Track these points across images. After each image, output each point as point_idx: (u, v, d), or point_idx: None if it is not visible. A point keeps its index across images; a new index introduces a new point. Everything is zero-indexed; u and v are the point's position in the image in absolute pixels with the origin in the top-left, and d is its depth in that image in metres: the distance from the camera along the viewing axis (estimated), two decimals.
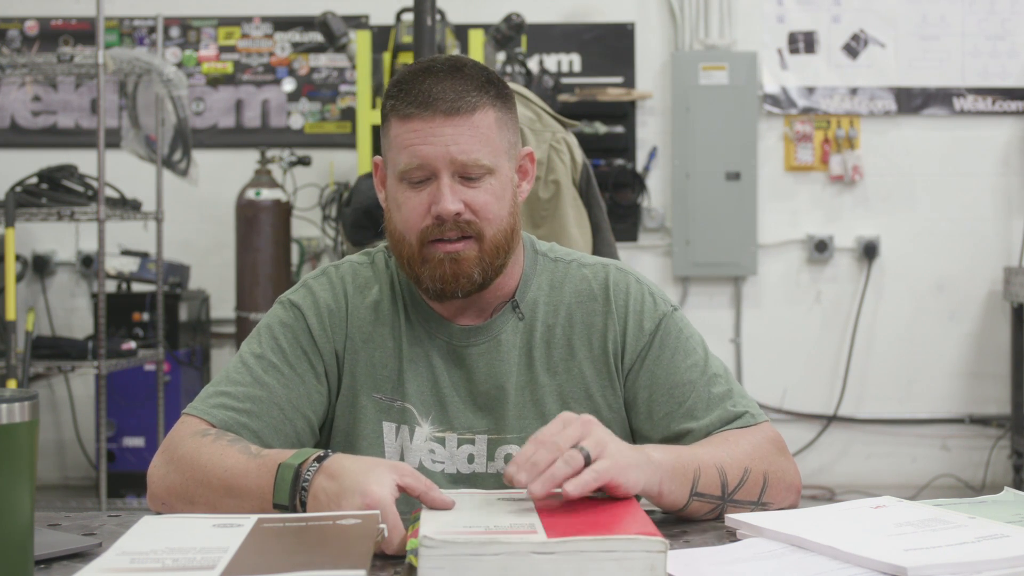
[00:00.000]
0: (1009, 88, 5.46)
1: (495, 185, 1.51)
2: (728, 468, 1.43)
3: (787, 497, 1.49)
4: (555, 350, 1.58)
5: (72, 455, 5.43)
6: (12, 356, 3.98)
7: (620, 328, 1.58)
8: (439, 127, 1.48)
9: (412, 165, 1.49)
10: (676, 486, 1.37)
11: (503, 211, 1.52)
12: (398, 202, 1.52)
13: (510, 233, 1.54)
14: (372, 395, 1.57)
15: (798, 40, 5.49)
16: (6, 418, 1.07)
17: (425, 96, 1.48)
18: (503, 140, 1.53)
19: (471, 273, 1.51)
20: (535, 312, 1.60)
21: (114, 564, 1.10)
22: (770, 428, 1.54)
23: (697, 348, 1.59)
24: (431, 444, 1.56)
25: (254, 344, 1.59)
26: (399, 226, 1.53)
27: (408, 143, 1.49)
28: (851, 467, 5.50)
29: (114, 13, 5.45)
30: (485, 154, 1.50)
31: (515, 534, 1.12)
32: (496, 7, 5.13)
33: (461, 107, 1.48)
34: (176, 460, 1.47)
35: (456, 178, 1.49)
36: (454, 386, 1.57)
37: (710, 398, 1.54)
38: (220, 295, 5.37)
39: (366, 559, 1.07)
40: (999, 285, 5.41)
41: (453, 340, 1.58)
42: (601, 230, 2.91)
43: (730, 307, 5.52)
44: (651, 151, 5.50)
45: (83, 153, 4.97)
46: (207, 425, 1.51)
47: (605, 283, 1.61)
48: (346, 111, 5.52)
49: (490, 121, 1.51)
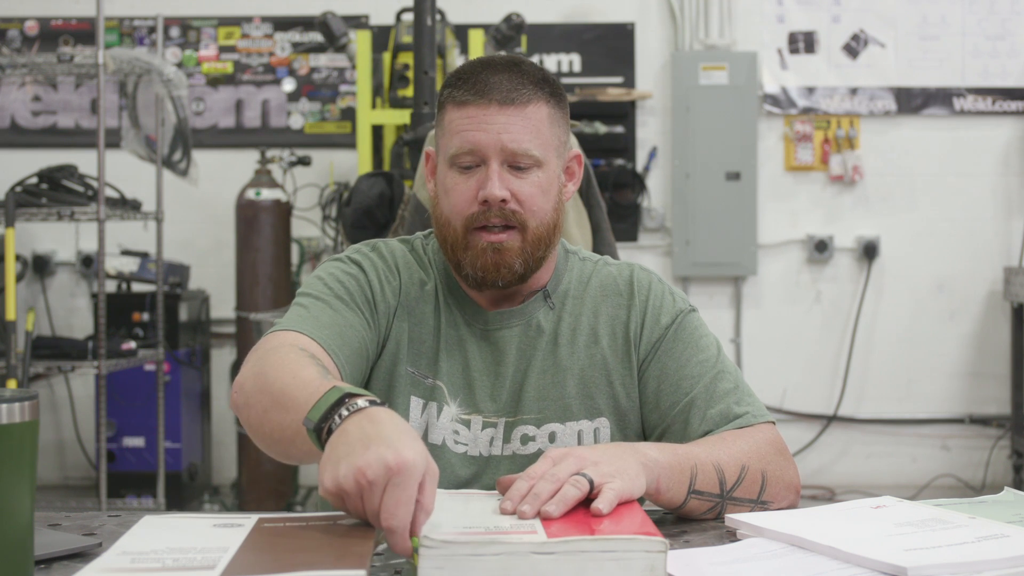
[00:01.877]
0: (1009, 88, 5.46)
1: (542, 178, 1.55)
2: (725, 466, 1.44)
3: (786, 496, 1.50)
4: (580, 336, 1.62)
5: (72, 455, 5.43)
6: (12, 356, 3.98)
7: (639, 319, 1.62)
8: (493, 115, 1.52)
9: (463, 150, 1.53)
10: (673, 484, 1.38)
11: (548, 204, 1.56)
12: (447, 187, 1.56)
13: (552, 228, 1.57)
14: (407, 368, 1.59)
15: (798, 40, 5.49)
16: (6, 418, 1.07)
17: (482, 85, 1.53)
18: (554, 136, 1.57)
19: (513, 264, 1.54)
20: (564, 303, 1.64)
21: (114, 564, 1.10)
22: (771, 429, 1.56)
23: (710, 347, 1.61)
24: (456, 425, 1.58)
25: (319, 286, 1.57)
26: (446, 211, 1.56)
27: (461, 128, 1.53)
28: (851, 467, 5.50)
29: (114, 13, 5.45)
30: (535, 145, 1.53)
31: (515, 534, 1.12)
32: (496, 7, 5.13)
33: (516, 98, 1.53)
34: (260, 360, 1.41)
35: (505, 167, 1.53)
36: (485, 370, 1.60)
37: (715, 392, 1.56)
38: (220, 295, 5.37)
39: (366, 559, 1.07)
40: (999, 285, 5.42)
41: (487, 326, 1.61)
42: (601, 230, 2.91)
43: (730, 307, 5.52)
44: (651, 151, 5.50)
45: (83, 153, 4.97)
46: (307, 340, 1.46)
47: (630, 279, 1.65)
48: (346, 111, 5.52)
49: (542, 115, 1.55)
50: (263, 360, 1.40)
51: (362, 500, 1.11)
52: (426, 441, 1.57)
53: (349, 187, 4.78)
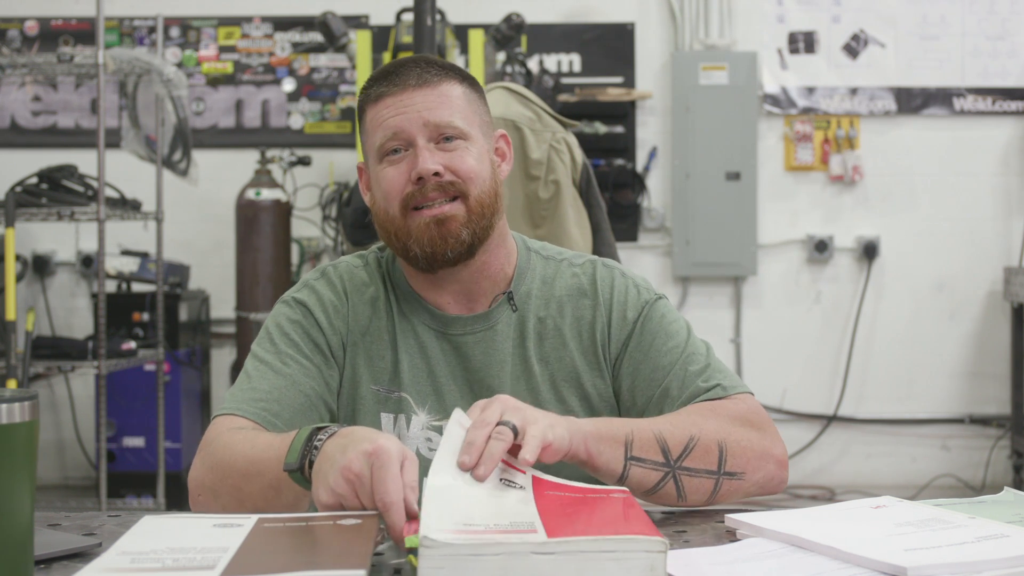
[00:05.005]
0: (1009, 88, 5.46)
1: (472, 150, 1.56)
2: (668, 435, 1.43)
3: (762, 467, 1.47)
4: (547, 341, 1.62)
5: (72, 455, 5.43)
6: (12, 356, 3.98)
7: (606, 319, 1.62)
8: (409, 97, 1.55)
9: (387, 136, 1.55)
10: (605, 448, 1.39)
11: (484, 172, 1.57)
12: (379, 181, 1.57)
13: (494, 196, 1.58)
14: (371, 387, 1.59)
15: (798, 40, 5.49)
16: (6, 418, 1.07)
17: (393, 75, 1.56)
18: (474, 114, 1.59)
19: (459, 233, 1.54)
20: (527, 304, 1.63)
21: (114, 564, 1.10)
22: (743, 401, 1.54)
23: (680, 331, 1.61)
24: (428, 432, 1.58)
25: (266, 343, 1.60)
26: (382, 202, 1.57)
27: (382, 119, 1.55)
28: (851, 467, 5.50)
29: (114, 13, 5.45)
30: (457, 118, 1.55)
31: (515, 534, 1.12)
32: (496, 7, 5.13)
33: (428, 79, 1.55)
34: (210, 454, 1.46)
35: (432, 144, 1.54)
36: (451, 375, 1.60)
37: (686, 376, 1.56)
38: (220, 295, 5.37)
39: (366, 559, 1.07)
40: (999, 285, 5.42)
41: (448, 330, 1.61)
42: (601, 230, 2.91)
43: (730, 307, 5.52)
44: (651, 151, 5.50)
45: (83, 153, 4.97)
46: (243, 420, 1.51)
47: (593, 278, 1.65)
48: (346, 111, 5.53)
49: (458, 93, 1.57)
50: (213, 453, 1.45)
51: (358, 496, 1.18)
52: None
53: (349, 187, 4.78)
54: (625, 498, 1.27)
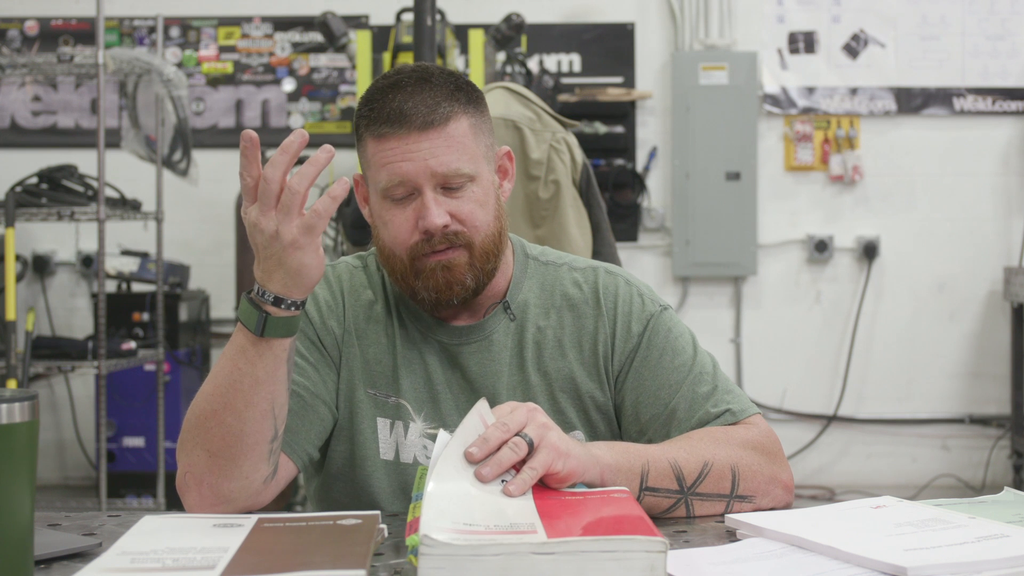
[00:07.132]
0: (1009, 88, 5.46)
1: (478, 192, 1.52)
2: (683, 462, 1.43)
3: (771, 491, 1.48)
4: (545, 351, 1.59)
5: (72, 455, 5.43)
6: (12, 356, 3.97)
7: (610, 331, 1.59)
8: (415, 143, 1.49)
9: (393, 182, 1.50)
10: (621, 479, 1.37)
11: (488, 216, 1.53)
12: (384, 220, 1.54)
13: (498, 237, 1.55)
14: (367, 391, 1.58)
15: (798, 40, 5.49)
16: (6, 418, 1.07)
17: (397, 113, 1.49)
18: (480, 145, 1.54)
19: (464, 279, 1.52)
20: (526, 313, 1.61)
21: (114, 564, 1.10)
22: (754, 425, 1.53)
23: (686, 347, 1.59)
24: (424, 440, 1.57)
25: None
26: (388, 243, 1.54)
27: (386, 161, 1.50)
28: (851, 467, 5.50)
29: (114, 13, 5.45)
30: (464, 163, 1.50)
31: (515, 534, 1.12)
32: (496, 7, 5.13)
33: (434, 119, 1.49)
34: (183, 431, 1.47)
35: (439, 190, 1.50)
36: (448, 384, 1.59)
37: (694, 399, 1.54)
38: (220, 295, 5.37)
39: (366, 559, 1.07)
40: (999, 285, 5.42)
41: (446, 340, 1.60)
42: (601, 230, 2.91)
43: (730, 307, 5.52)
44: (651, 151, 5.50)
45: (83, 153, 4.98)
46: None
47: (595, 286, 1.62)
48: (346, 111, 5.52)
49: (464, 129, 1.51)
50: (185, 423, 1.47)
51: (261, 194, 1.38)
52: (398, 460, 1.57)
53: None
54: (625, 498, 1.28)
